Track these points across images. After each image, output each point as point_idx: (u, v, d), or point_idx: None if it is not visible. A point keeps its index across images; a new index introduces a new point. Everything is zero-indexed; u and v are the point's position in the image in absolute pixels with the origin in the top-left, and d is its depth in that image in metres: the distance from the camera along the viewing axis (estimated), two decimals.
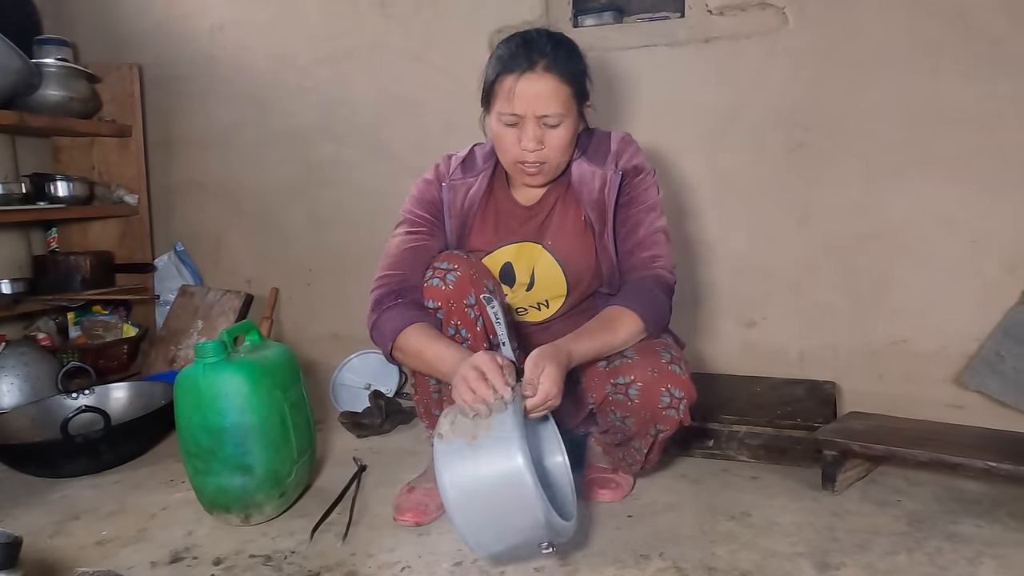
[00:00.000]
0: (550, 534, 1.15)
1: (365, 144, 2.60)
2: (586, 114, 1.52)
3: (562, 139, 1.44)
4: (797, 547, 1.37)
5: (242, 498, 1.52)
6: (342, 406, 2.35)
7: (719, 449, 1.84)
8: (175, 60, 2.78)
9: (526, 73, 1.38)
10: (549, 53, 1.40)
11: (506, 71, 1.41)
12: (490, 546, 1.17)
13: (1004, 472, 1.45)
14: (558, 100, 1.40)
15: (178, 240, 2.89)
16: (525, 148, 1.42)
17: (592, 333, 1.38)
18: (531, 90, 1.38)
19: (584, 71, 1.48)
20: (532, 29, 1.47)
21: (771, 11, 2.15)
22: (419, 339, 1.38)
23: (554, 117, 1.41)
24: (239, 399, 1.49)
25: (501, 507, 1.12)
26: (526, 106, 1.39)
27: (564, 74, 1.40)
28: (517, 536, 1.15)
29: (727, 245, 2.27)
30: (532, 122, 1.41)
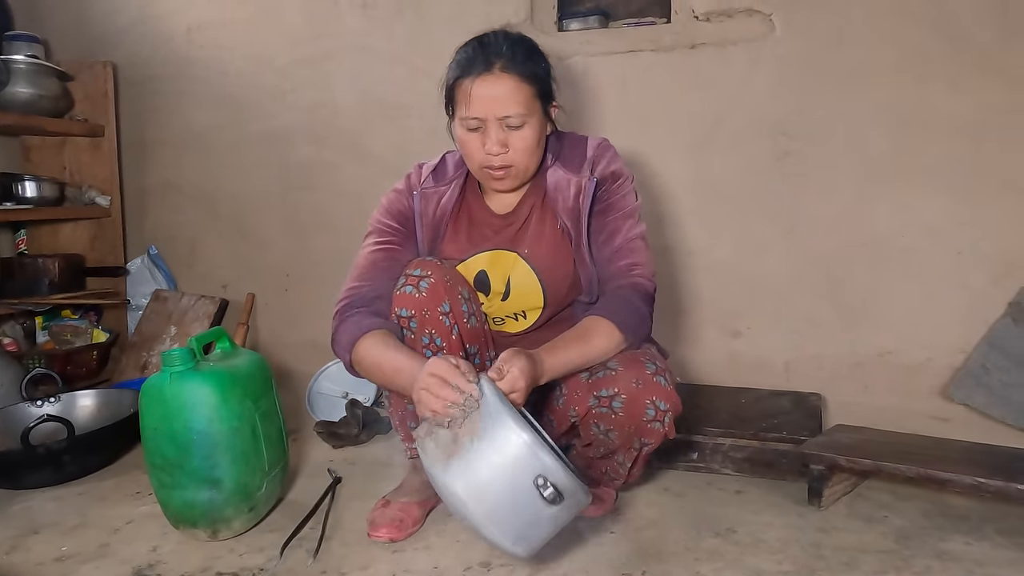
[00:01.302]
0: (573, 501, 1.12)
1: (346, 147, 2.54)
2: (554, 116, 1.49)
3: (527, 140, 1.40)
4: (783, 565, 1.33)
5: (209, 512, 1.45)
6: (318, 415, 2.29)
7: (703, 462, 1.80)
8: (151, 59, 2.71)
9: (483, 75, 1.36)
10: (506, 53, 1.37)
11: (464, 75, 1.38)
12: (530, 539, 1.13)
13: (993, 488, 1.42)
14: (518, 100, 1.37)
15: (152, 243, 2.82)
16: (489, 152, 1.39)
17: (567, 345, 1.33)
18: (489, 92, 1.36)
19: (547, 71, 1.45)
20: (490, 32, 1.44)
21: (758, 18, 2.13)
22: (376, 349, 1.33)
23: (516, 118, 1.37)
24: (207, 409, 1.43)
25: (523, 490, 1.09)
26: (486, 108, 1.36)
27: (523, 74, 1.37)
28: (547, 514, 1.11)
29: (712, 254, 2.24)
30: (494, 125, 1.38)
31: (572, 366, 1.34)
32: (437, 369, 1.17)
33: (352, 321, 1.38)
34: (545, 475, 1.08)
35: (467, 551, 1.42)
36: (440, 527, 1.53)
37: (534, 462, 1.08)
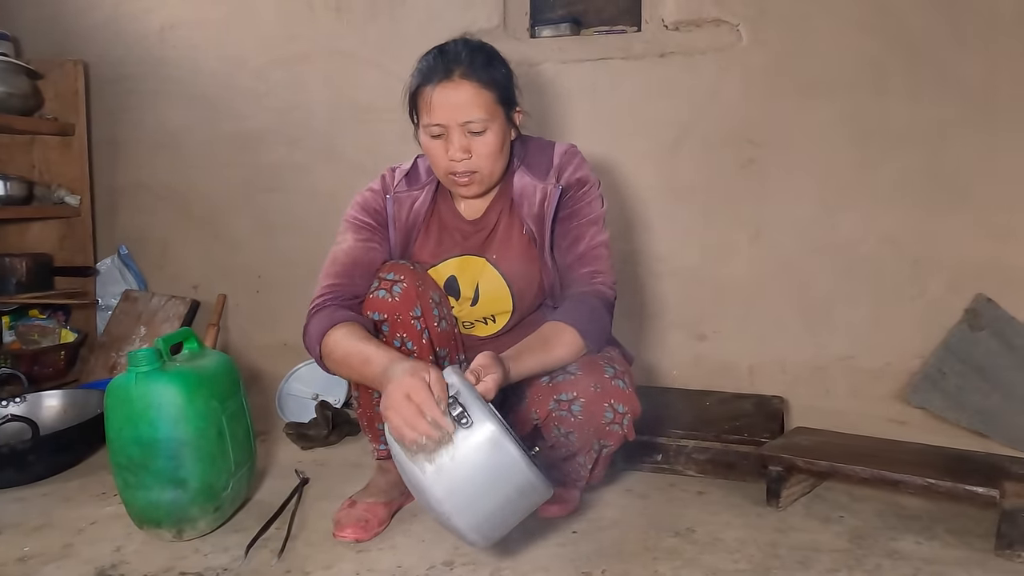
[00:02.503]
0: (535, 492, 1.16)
1: (318, 149, 2.55)
2: (518, 121, 1.51)
3: (490, 146, 1.42)
4: (739, 564, 1.36)
5: (174, 513, 1.46)
6: (288, 416, 2.29)
7: (667, 464, 1.83)
8: (123, 58, 2.70)
9: (442, 82, 1.38)
10: (465, 60, 1.40)
11: (425, 82, 1.41)
12: (490, 528, 1.17)
13: (943, 489, 1.47)
14: (479, 106, 1.39)
15: (122, 243, 2.80)
16: (453, 158, 1.41)
17: (531, 350, 1.35)
18: (449, 99, 1.38)
19: (507, 77, 1.47)
20: (451, 40, 1.47)
21: (725, 28, 2.17)
22: (346, 340, 1.34)
23: (477, 123, 1.40)
24: (172, 410, 1.43)
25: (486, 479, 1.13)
26: (447, 115, 1.39)
27: (483, 80, 1.40)
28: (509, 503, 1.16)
29: (680, 259, 2.28)
30: (456, 131, 1.40)
31: (534, 371, 1.36)
32: (414, 394, 1.14)
33: (324, 314, 1.39)
34: (510, 466, 1.11)
35: (431, 551, 1.44)
36: (406, 527, 1.54)
37: (501, 452, 1.11)
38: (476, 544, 1.20)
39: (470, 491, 1.13)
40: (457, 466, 1.12)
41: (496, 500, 1.14)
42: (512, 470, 1.13)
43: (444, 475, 1.13)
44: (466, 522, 1.15)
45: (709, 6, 2.16)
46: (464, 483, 1.13)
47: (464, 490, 1.13)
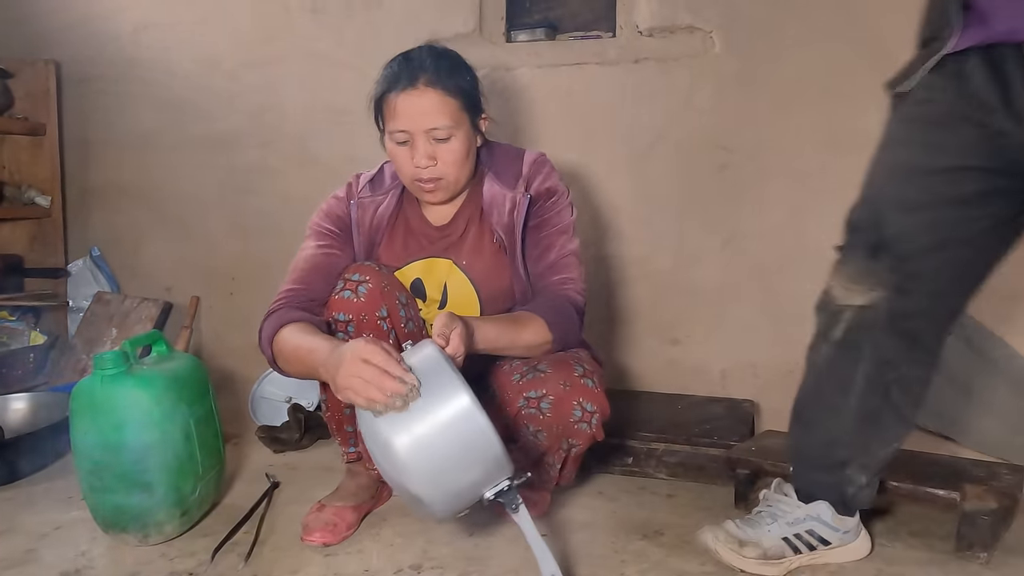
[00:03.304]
0: (498, 468, 1.16)
1: (293, 152, 2.54)
2: (483, 128, 1.52)
3: (455, 153, 1.43)
4: (706, 567, 1.37)
5: (140, 517, 1.45)
6: (261, 420, 2.28)
7: (638, 466, 1.84)
8: (95, 59, 2.67)
9: (407, 89, 1.40)
10: (430, 67, 1.41)
11: (389, 89, 1.43)
12: (447, 501, 1.17)
13: (905, 491, 1.49)
14: (444, 113, 1.40)
15: (94, 245, 2.77)
16: (418, 165, 1.42)
17: (498, 322, 1.37)
18: (415, 106, 1.39)
19: (472, 84, 1.49)
20: (416, 47, 1.47)
21: (699, 35, 2.19)
22: (294, 336, 1.35)
23: (443, 130, 1.41)
24: (139, 413, 1.42)
25: (456, 451, 1.12)
26: (412, 122, 1.40)
27: (448, 87, 1.41)
28: (470, 477, 1.15)
29: (653, 263, 2.29)
30: (422, 138, 1.41)
31: (498, 345, 1.36)
32: (371, 356, 1.13)
33: (276, 316, 1.40)
34: (482, 438, 1.12)
35: (399, 554, 1.44)
36: (375, 531, 1.54)
37: (473, 424, 1.12)
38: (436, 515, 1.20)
39: (440, 459, 1.13)
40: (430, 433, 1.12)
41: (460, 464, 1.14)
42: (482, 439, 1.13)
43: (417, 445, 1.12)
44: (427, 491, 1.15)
45: (683, 13, 2.18)
46: (436, 451, 1.12)
47: (434, 458, 1.13)
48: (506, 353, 1.42)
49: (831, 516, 1.33)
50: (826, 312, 1.30)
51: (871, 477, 1.33)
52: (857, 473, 1.32)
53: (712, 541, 1.34)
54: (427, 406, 1.12)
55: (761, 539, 1.32)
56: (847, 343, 1.27)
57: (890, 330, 1.22)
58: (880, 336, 1.22)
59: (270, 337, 1.40)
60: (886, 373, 1.25)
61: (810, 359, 1.34)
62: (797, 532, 1.33)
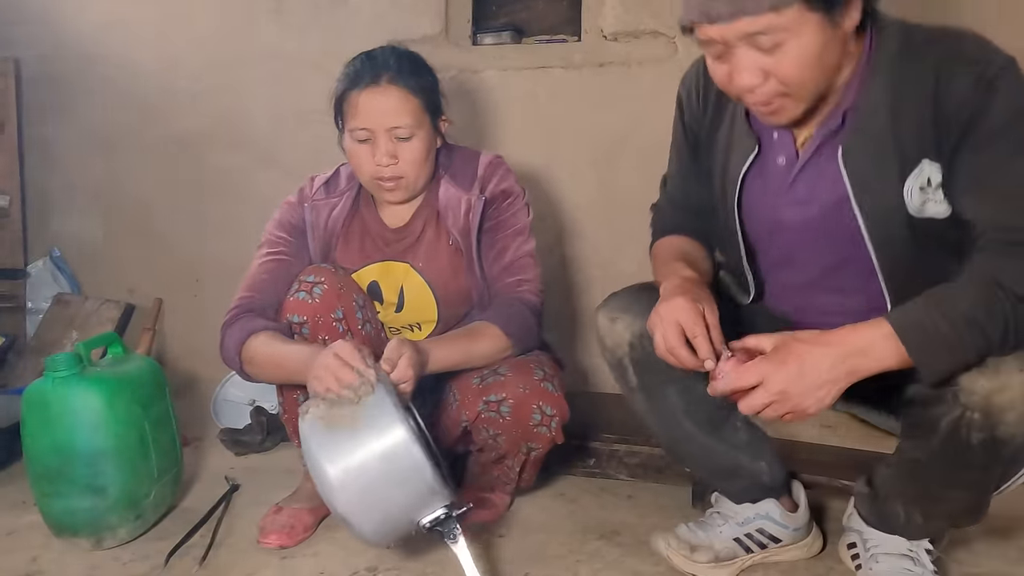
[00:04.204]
0: (432, 498, 1.17)
1: (258, 152, 2.52)
2: (443, 129, 1.53)
3: (416, 152, 1.44)
4: (659, 567, 1.38)
5: (92, 521, 1.43)
6: (224, 422, 2.26)
7: (599, 468, 1.85)
8: (56, 56, 2.63)
9: (370, 87, 1.40)
10: (393, 66, 1.42)
11: (351, 87, 1.43)
12: (376, 527, 1.19)
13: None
14: (407, 111, 1.41)
15: (55, 245, 2.72)
16: (379, 163, 1.42)
17: (452, 341, 1.39)
18: (378, 104, 1.39)
19: (434, 85, 1.50)
20: (379, 47, 1.48)
21: (662, 40, 2.21)
22: (268, 343, 1.36)
23: (405, 129, 1.41)
24: (91, 416, 1.41)
25: (388, 482, 1.14)
26: (374, 120, 1.40)
27: (411, 86, 1.42)
28: (402, 508, 1.17)
29: (617, 266, 2.30)
30: (383, 136, 1.41)
31: (456, 362, 1.39)
32: (341, 350, 1.20)
33: (239, 324, 1.40)
34: (415, 472, 1.14)
35: (355, 557, 1.43)
36: (332, 534, 1.53)
37: (407, 457, 1.14)
38: (364, 536, 1.21)
39: (370, 488, 1.15)
40: (359, 457, 1.15)
41: (391, 494, 1.16)
42: (414, 472, 1.15)
43: (347, 474, 1.15)
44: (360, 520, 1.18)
45: (646, 18, 2.20)
46: (366, 480, 1.15)
47: (364, 487, 1.15)
48: (465, 367, 1.44)
49: (780, 513, 1.35)
50: (613, 367, 1.31)
51: (770, 459, 1.35)
52: (756, 464, 1.34)
53: (664, 548, 1.35)
54: (361, 436, 1.15)
55: (713, 542, 1.34)
56: (644, 386, 1.29)
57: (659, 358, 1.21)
58: (661, 364, 1.18)
59: (238, 344, 1.40)
60: (692, 390, 1.26)
61: (634, 409, 1.36)
62: (748, 532, 1.35)
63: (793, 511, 1.37)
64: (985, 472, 1.09)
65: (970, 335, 0.97)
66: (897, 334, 0.98)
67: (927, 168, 1.06)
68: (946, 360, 0.99)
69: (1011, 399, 0.99)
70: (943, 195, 1.06)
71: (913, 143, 1.06)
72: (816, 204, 1.17)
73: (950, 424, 1.04)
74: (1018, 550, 1.44)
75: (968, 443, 1.04)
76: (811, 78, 1.04)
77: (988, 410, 1.00)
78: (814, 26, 0.99)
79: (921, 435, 1.10)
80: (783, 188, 1.19)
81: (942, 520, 1.21)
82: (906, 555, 1.23)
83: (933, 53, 1.04)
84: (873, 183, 1.10)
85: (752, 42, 1.00)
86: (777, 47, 1.00)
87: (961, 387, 1.01)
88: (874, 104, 1.08)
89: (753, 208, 1.24)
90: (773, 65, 1.01)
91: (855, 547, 1.31)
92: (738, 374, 1.04)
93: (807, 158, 1.15)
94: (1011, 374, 0.99)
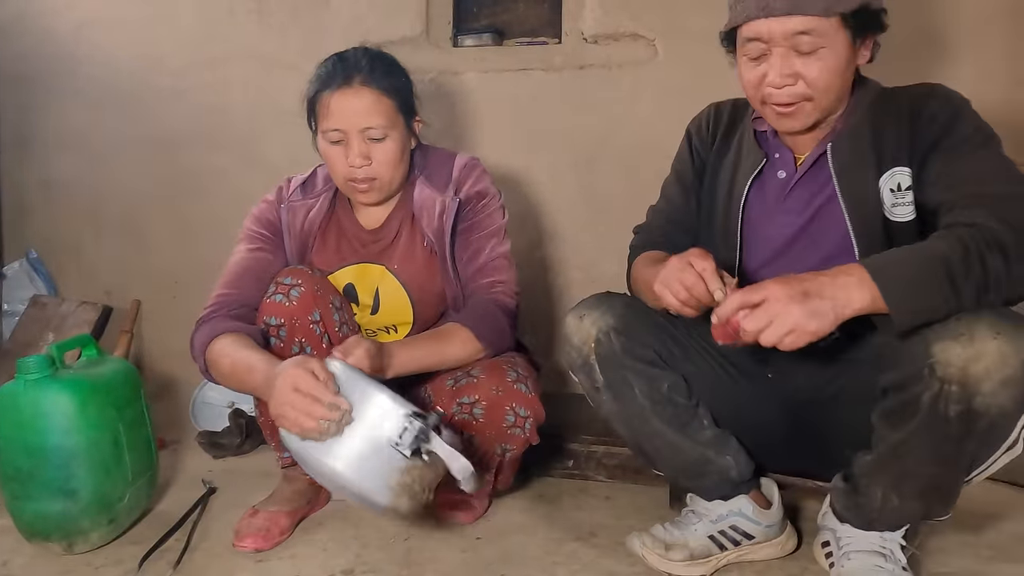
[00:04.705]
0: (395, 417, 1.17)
1: (239, 153, 2.51)
2: (417, 130, 1.54)
3: (389, 153, 1.44)
4: (635, 567, 1.39)
5: (64, 525, 1.41)
6: (202, 425, 2.24)
7: (578, 469, 1.86)
8: (35, 56, 2.61)
9: (342, 88, 1.40)
10: (365, 67, 1.42)
11: (324, 88, 1.43)
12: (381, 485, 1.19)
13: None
14: (379, 112, 1.40)
15: (31, 246, 2.70)
16: (352, 164, 1.42)
17: (419, 342, 1.39)
18: (350, 105, 1.39)
19: (407, 86, 1.50)
20: (350, 48, 1.48)
21: (642, 43, 2.22)
22: (230, 349, 1.34)
23: (378, 130, 1.41)
24: (63, 418, 1.39)
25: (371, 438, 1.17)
26: (347, 121, 1.40)
27: (383, 87, 1.42)
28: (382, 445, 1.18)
29: (598, 268, 2.31)
30: (356, 137, 1.41)
31: (423, 364, 1.38)
32: (301, 384, 1.15)
33: (209, 325, 1.39)
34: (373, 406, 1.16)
35: (332, 559, 1.43)
36: (309, 537, 1.53)
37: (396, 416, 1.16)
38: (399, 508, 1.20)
39: (376, 463, 1.16)
40: (357, 442, 1.16)
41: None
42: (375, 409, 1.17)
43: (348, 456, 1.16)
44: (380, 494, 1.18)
45: (626, 21, 2.21)
46: (369, 458, 1.16)
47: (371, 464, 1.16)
48: (437, 369, 1.44)
49: (752, 510, 1.36)
50: (579, 369, 1.35)
51: (736, 453, 1.36)
52: (722, 459, 1.35)
53: (639, 547, 1.36)
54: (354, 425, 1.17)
55: (688, 540, 1.34)
56: (611, 383, 1.32)
57: (626, 353, 1.29)
58: (626, 359, 1.29)
59: (203, 346, 1.39)
60: (658, 387, 1.31)
61: (601, 411, 1.39)
62: (721, 529, 1.35)
63: (766, 508, 1.38)
64: (959, 446, 1.10)
65: (938, 275, 1.03)
66: (870, 275, 1.04)
67: (898, 173, 1.22)
68: (915, 299, 1.03)
69: (986, 368, 1.01)
70: (911, 199, 1.21)
71: (889, 152, 1.23)
72: (807, 213, 1.31)
73: (930, 400, 1.06)
74: (989, 548, 1.45)
75: (946, 416, 1.06)
76: (832, 87, 1.20)
77: (965, 381, 1.03)
78: (844, 42, 1.17)
79: (901, 418, 1.12)
80: (778, 200, 1.33)
81: (916, 501, 1.21)
82: (878, 552, 1.23)
83: (908, 92, 1.25)
84: (855, 181, 1.24)
85: (794, 43, 1.16)
86: (813, 52, 1.16)
87: (937, 360, 1.04)
88: (860, 122, 1.26)
89: (750, 220, 1.36)
90: (805, 68, 1.17)
91: (829, 546, 1.32)
92: (745, 292, 1.07)
93: (804, 171, 1.30)
94: (985, 341, 1.01)
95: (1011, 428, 1.09)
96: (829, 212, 1.26)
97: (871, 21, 1.19)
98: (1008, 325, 1.02)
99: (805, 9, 1.13)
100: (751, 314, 1.05)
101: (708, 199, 1.44)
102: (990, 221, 1.05)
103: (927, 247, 1.06)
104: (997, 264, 1.02)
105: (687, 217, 1.49)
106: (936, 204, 1.16)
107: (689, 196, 1.49)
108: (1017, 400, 1.04)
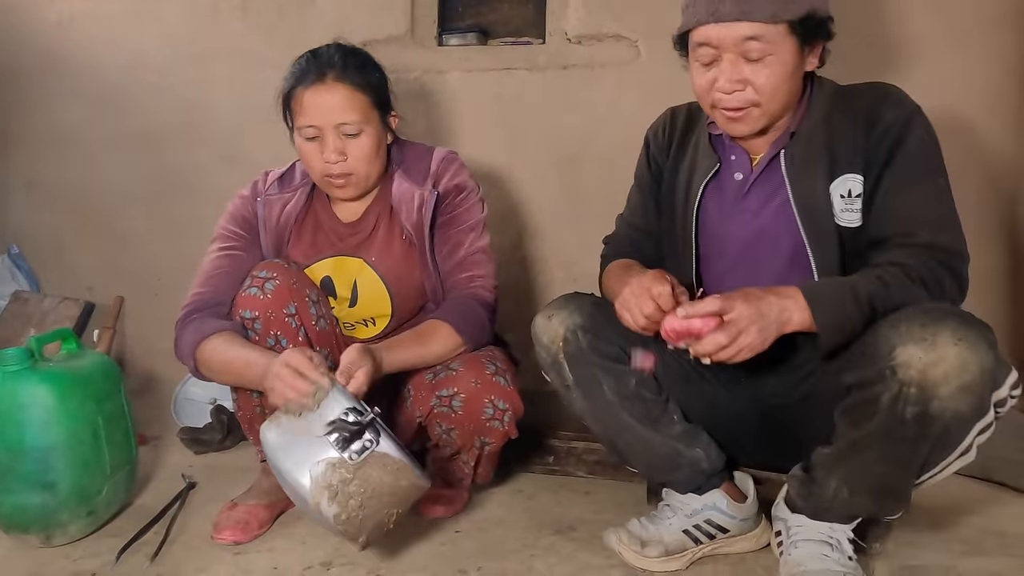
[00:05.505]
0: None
1: (222, 150, 2.51)
2: (393, 125, 1.55)
3: (364, 148, 1.45)
4: (612, 560, 1.40)
5: (42, 517, 1.41)
6: (185, 421, 2.24)
7: (558, 465, 1.87)
8: (18, 51, 2.61)
9: (315, 84, 1.41)
10: (338, 63, 1.43)
11: (297, 84, 1.44)
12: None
13: None
14: (354, 108, 1.41)
15: (13, 242, 2.69)
16: (328, 160, 1.43)
17: (405, 343, 1.40)
18: (324, 101, 1.40)
19: (381, 82, 1.51)
20: (324, 45, 1.50)
21: (625, 43, 2.24)
22: (223, 347, 1.36)
23: (352, 125, 1.42)
24: (42, 411, 1.39)
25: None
26: (321, 117, 1.41)
27: (357, 83, 1.43)
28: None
29: (581, 266, 2.33)
30: (331, 133, 1.42)
31: (410, 363, 1.40)
32: (292, 360, 1.22)
33: (194, 325, 1.40)
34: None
35: (310, 552, 1.43)
36: (288, 530, 1.53)
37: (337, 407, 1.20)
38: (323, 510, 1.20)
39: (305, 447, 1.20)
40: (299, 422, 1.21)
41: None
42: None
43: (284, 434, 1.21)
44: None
45: (609, 22, 2.23)
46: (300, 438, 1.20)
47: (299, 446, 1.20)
48: (420, 366, 1.45)
49: (727, 504, 1.37)
50: (549, 368, 1.38)
51: (706, 445, 1.38)
52: (693, 451, 1.37)
53: (616, 543, 1.37)
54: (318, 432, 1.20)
55: (662, 535, 1.36)
56: (580, 381, 1.34)
57: (594, 351, 1.31)
58: (593, 356, 1.31)
59: (192, 347, 1.40)
60: (626, 383, 1.33)
61: (573, 410, 1.42)
62: (696, 523, 1.37)
63: (741, 502, 1.39)
64: (913, 448, 1.12)
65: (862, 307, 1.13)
66: (805, 299, 1.13)
67: (850, 180, 1.26)
68: (836, 320, 1.13)
69: (945, 373, 1.04)
70: (859, 207, 1.25)
71: (843, 156, 1.26)
72: (765, 213, 1.32)
73: (890, 400, 1.08)
74: (961, 543, 1.47)
75: (903, 417, 1.08)
76: (779, 93, 1.23)
77: (923, 384, 1.05)
78: (791, 49, 1.20)
79: (861, 416, 1.14)
80: (737, 200, 1.36)
81: (866, 497, 1.23)
82: (826, 541, 1.25)
83: (863, 93, 1.29)
84: (806, 185, 1.28)
85: (743, 49, 1.19)
86: (761, 59, 1.19)
87: (899, 362, 1.06)
88: (815, 125, 1.29)
89: (708, 222, 1.39)
90: (753, 75, 1.20)
91: (780, 535, 1.34)
92: (699, 304, 1.12)
93: (759, 172, 1.33)
94: (947, 346, 1.03)
95: (965, 434, 1.12)
96: (784, 213, 1.30)
97: (818, 29, 1.22)
98: (971, 332, 1.04)
99: (753, 16, 1.16)
100: (717, 329, 1.10)
101: (667, 204, 1.47)
102: (911, 263, 1.16)
103: (855, 281, 1.16)
104: (911, 300, 1.12)
105: (650, 223, 1.52)
106: (871, 238, 1.24)
107: (648, 202, 1.52)
108: (973, 407, 1.07)
